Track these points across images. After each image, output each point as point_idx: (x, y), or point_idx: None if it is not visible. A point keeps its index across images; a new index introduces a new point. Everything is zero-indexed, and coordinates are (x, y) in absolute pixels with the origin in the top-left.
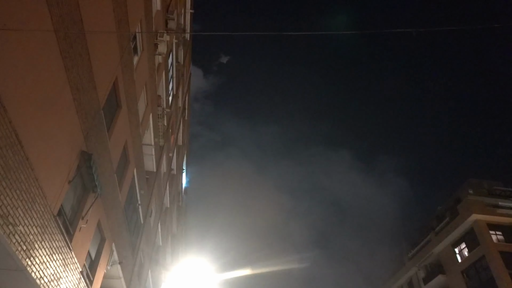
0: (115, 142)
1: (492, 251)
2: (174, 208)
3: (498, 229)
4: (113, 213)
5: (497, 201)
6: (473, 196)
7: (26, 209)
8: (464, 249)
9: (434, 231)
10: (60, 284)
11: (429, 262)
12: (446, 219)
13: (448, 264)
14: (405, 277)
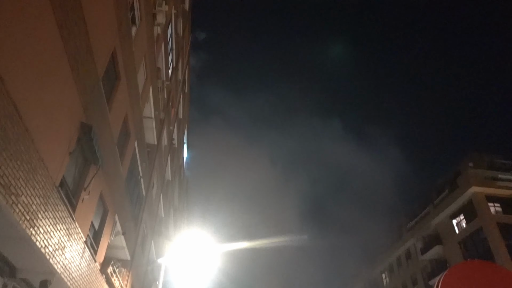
0: (115, 114)
1: (489, 223)
2: (176, 181)
3: (496, 201)
4: (115, 185)
5: (496, 174)
6: (473, 169)
7: (27, 180)
8: (462, 221)
9: (433, 203)
10: (65, 253)
11: (427, 233)
12: (445, 192)
13: (445, 235)
14: (403, 248)
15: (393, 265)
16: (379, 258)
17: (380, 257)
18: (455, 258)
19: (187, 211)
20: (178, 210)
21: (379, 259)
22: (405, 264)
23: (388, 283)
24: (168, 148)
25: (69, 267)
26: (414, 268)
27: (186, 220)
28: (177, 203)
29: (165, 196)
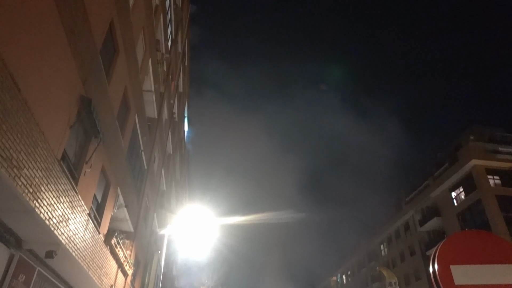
0: (115, 88)
1: (488, 195)
2: (177, 155)
3: (496, 173)
4: (117, 159)
5: (497, 146)
6: (473, 142)
7: (29, 153)
8: (461, 193)
9: (432, 176)
10: (69, 224)
11: (426, 205)
12: (446, 165)
13: (444, 207)
14: (401, 220)
15: (391, 237)
16: (378, 230)
17: (379, 229)
18: (453, 230)
19: (189, 184)
20: (179, 184)
21: (378, 231)
22: (403, 236)
23: (386, 253)
24: (168, 122)
25: (74, 238)
26: (412, 240)
27: (187, 193)
28: (179, 176)
29: (167, 170)
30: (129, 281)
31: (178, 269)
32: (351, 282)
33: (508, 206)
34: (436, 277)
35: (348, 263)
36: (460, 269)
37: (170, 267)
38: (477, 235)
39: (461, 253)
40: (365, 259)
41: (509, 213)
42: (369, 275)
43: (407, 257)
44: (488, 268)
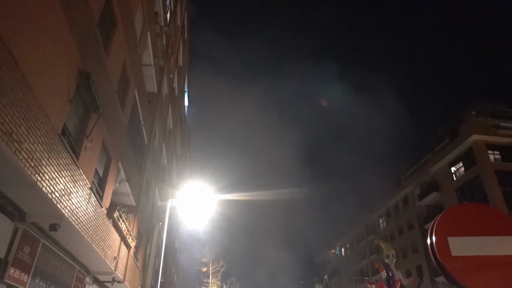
0: (114, 61)
1: (487, 170)
2: (178, 130)
3: (496, 149)
4: (117, 134)
5: (498, 122)
6: (475, 117)
7: (29, 127)
8: (461, 168)
9: (433, 151)
10: (72, 198)
11: (425, 180)
12: (446, 140)
13: (443, 182)
14: (400, 195)
15: (390, 211)
16: (377, 204)
17: (378, 203)
18: (451, 205)
19: (190, 159)
20: (180, 159)
21: (377, 205)
22: (402, 210)
23: (384, 227)
24: (169, 97)
25: (77, 211)
26: (410, 214)
27: (188, 168)
28: (180, 152)
29: (167, 145)
30: (132, 253)
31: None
32: (350, 255)
33: (507, 181)
34: (433, 248)
35: (347, 236)
36: (458, 241)
37: (172, 240)
38: (476, 208)
39: (459, 225)
40: (364, 232)
41: (507, 188)
42: (368, 248)
43: (405, 230)
44: (485, 240)
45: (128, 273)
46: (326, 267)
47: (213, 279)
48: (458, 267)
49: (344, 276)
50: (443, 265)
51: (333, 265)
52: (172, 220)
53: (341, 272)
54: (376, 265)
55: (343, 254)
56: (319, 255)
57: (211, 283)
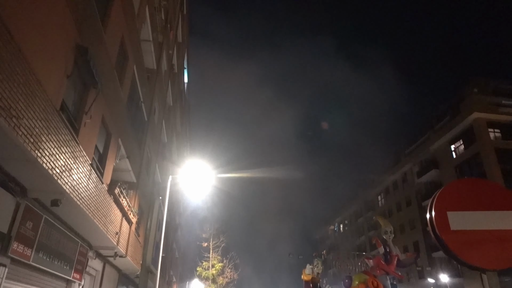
0: (111, 36)
1: (487, 148)
2: (177, 107)
3: (497, 127)
4: (117, 110)
5: (500, 99)
6: (477, 95)
7: (27, 103)
8: (460, 146)
9: (433, 129)
10: (72, 174)
11: (425, 158)
12: (447, 118)
13: (442, 160)
14: (400, 172)
15: (389, 188)
16: (376, 181)
17: (377, 180)
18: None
19: (190, 136)
20: (180, 136)
21: (376, 182)
22: (400, 187)
23: (383, 204)
24: (168, 73)
25: (78, 187)
26: (409, 191)
27: (188, 145)
28: (180, 128)
29: (167, 122)
30: (134, 228)
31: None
32: (348, 231)
33: (506, 159)
34: (432, 223)
35: (345, 213)
36: (457, 215)
37: (173, 217)
38: (476, 183)
39: (458, 200)
40: (362, 209)
41: (506, 166)
42: (366, 224)
43: (403, 207)
44: (484, 214)
45: (130, 248)
46: (324, 242)
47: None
48: (457, 241)
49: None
50: (441, 239)
51: (332, 241)
52: (173, 197)
53: (339, 248)
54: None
55: (341, 230)
56: (318, 231)
57: (211, 257)
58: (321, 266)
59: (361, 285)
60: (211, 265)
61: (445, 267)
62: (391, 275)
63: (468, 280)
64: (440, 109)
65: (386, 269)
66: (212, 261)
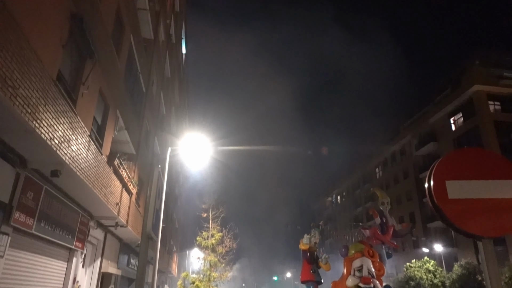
0: (107, 4)
1: (486, 120)
2: (176, 78)
3: (497, 99)
4: (114, 81)
5: (502, 71)
6: (479, 67)
7: (23, 72)
8: (460, 119)
9: (433, 102)
10: (71, 145)
11: (424, 131)
12: (447, 90)
13: (441, 133)
14: (398, 145)
15: (387, 160)
16: (375, 154)
17: (376, 152)
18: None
19: (188, 108)
20: (179, 108)
21: (374, 155)
22: (398, 159)
23: (381, 176)
24: (165, 44)
25: (77, 158)
26: (407, 163)
27: (187, 117)
28: (178, 100)
29: (166, 94)
30: (134, 199)
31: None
32: (345, 202)
33: (504, 132)
34: (430, 192)
35: (343, 185)
36: (455, 184)
37: (172, 188)
38: (474, 152)
39: (457, 169)
40: (360, 181)
41: (504, 139)
42: (363, 196)
43: (400, 179)
44: (483, 183)
45: (130, 218)
46: (322, 214)
47: (213, 224)
48: (455, 210)
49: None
50: (439, 207)
51: (329, 212)
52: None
53: (336, 219)
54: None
55: (339, 202)
56: (316, 203)
57: (211, 227)
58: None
59: (357, 254)
60: (211, 235)
61: (440, 237)
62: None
63: (461, 250)
64: (441, 82)
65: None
66: (212, 231)
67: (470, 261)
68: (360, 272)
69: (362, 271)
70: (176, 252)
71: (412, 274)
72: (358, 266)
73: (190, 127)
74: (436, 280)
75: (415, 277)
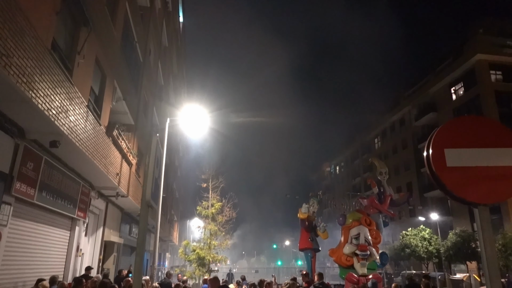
0: None
1: (487, 90)
2: (173, 48)
3: (499, 68)
4: (110, 50)
5: (505, 40)
6: (482, 35)
7: (16, 41)
8: (460, 89)
9: (434, 71)
10: (69, 116)
11: (424, 101)
12: (449, 60)
13: (441, 103)
14: (398, 115)
15: (386, 131)
16: (374, 124)
17: (375, 123)
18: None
19: (186, 78)
20: (177, 78)
21: (374, 125)
22: (398, 130)
23: (379, 146)
24: (162, 12)
25: (75, 129)
26: (406, 134)
27: (185, 87)
28: (176, 70)
29: (163, 63)
30: (134, 170)
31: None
32: (344, 172)
33: (505, 102)
34: (429, 160)
35: (342, 155)
36: (454, 152)
37: (172, 158)
38: (474, 120)
39: (457, 137)
40: (359, 151)
41: (505, 109)
42: (361, 166)
43: (399, 150)
44: (482, 151)
45: (131, 188)
46: (320, 184)
47: (213, 194)
48: (452, 178)
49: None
50: (437, 175)
51: (328, 182)
52: (172, 139)
53: (335, 189)
54: (369, 181)
55: (337, 172)
56: (314, 173)
57: (210, 197)
58: (316, 205)
59: (354, 223)
60: (211, 204)
61: (436, 206)
62: (383, 213)
63: (456, 219)
64: (443, 51)
65: (379, 208)
66: (212, 200)
67: (465, 229)
68: (357, 240)
69: (359, 239)
70: (177, 222)
71: (408, 242)
72: (355, 234)
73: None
74: (431, 247)
75: (411, 244)
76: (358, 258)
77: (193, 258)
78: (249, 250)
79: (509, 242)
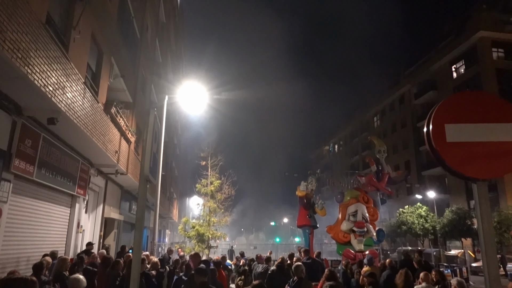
0: None
1: (488, 68)
2: (171, 24)
3: (501, 46)
4: (106, 26)
5: (509, 17)
6: (485, 12)
7: (9, 15)
8: (461, 67)
9: (436, 49)
10: (66, 92)
11: (424, 79)
12: (451, 37)
13: (441, 81)
14: (398, 93)
15: (385, 109)
16: (373, 103)
17: (375, 101)
18: None
19: (184, 55)
20: (175, 54)
21: (373, 104)
22: (397, 108)
23: (378, 125)
24: None
25: (73, 106)
26: (405, 112)
27: (184, 64)
28: (174, 47)
29: (161, 40)
30: (133, 148)
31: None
32: (343, 151)
33: (506, 80)
34: (429, 136)
35: (340, 134)
36: (454, 127)
37: (171, 136)
38: (475, 95)
39: (457, 112)
40: (358, 130)
41: (505, 87)
42: (360, 145)
43: (398, 128)
44: (482, 126)
45: (130, 166)
46: (319, 162)
47: (212, 172)
48: (452, 153)
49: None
50: (436, 151)
51: (326, 161)
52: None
53: (333, 167)
54: (367, 160)
55: (336, 151)
56: (313, 152)
57: (210, 175)
58: (315, 183)
59: (352, 200)
60: (210, 182)
61: (433, 184)
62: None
63: (453, 196)
64: (445, 28)
65: (377, 185)
66: (211, 178)
67: (461, 207)
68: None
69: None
70: (176, 199)
71: (405, 219)
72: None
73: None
74: (427, 224)
75: (407, 221)
76: (355, 235)
77: (193, 234)
78: (248, 227)
79: (504, 219)
